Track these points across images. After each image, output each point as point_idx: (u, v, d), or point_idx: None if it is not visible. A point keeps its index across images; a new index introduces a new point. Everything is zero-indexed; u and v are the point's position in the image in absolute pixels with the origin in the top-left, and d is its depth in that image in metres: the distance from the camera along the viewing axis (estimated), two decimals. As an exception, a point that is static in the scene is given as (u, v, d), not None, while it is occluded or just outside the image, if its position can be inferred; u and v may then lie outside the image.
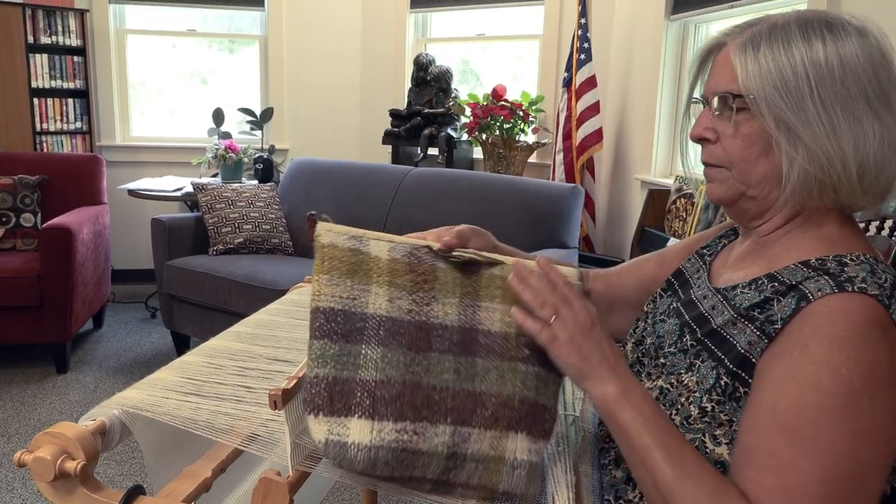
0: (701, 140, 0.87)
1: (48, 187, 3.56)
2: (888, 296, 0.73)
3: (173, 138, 4.70)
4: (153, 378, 0.92)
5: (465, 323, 0.81)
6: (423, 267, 0.82)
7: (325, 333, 0.75)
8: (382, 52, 4.58)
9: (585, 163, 3.50)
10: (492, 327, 0.82)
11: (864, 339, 0.70)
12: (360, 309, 0.77)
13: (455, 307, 0.81)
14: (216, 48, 4.81)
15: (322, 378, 0.73)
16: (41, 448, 0.75)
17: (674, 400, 0.84)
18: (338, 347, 0.75)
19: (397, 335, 0.77)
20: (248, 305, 2.78)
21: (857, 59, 0.77)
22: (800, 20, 0.80)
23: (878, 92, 0.77)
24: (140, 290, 4.45)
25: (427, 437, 0.74)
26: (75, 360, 3.37)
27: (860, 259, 0.78)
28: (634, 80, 3.48)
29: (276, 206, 3.51)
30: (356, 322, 0.76)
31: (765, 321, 0.77)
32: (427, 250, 0.83)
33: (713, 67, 0.87)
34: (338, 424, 0.72)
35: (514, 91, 3.97)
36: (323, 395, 0.73)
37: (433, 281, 0.81)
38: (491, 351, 0.80)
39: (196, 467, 0.85)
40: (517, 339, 0.81)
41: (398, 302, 0.78)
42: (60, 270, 3.08)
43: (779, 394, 0.72)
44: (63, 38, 4.15)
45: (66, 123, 4.24)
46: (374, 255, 0.80)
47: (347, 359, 0.75)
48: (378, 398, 0.73)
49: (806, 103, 0.76)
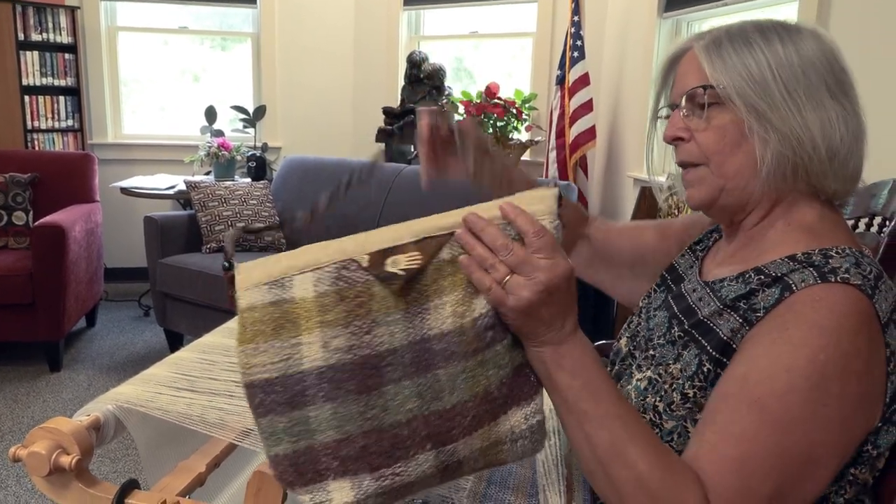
0: (675, 140, 0.89)
1: (40, 185, 3.55)
2: (872, 286, 0.75)
3: (165, 136, 4.69)
4: (147, 374, 0.92)
5: (413, 337, 0.71)
6: (355, 290, 0.71)
7: (268, 409, 0.69)
8: (375, 50, 4.57)
9: (578, 160, 3.51)
10: (443, 327, 0.71)
11: (845, 330, 0.72)
12: (296, 368, 0.69)
13: (401, 324, 0.71)
14: (208, 45, 4.80)
15: (282, 456, 0.69)
16: (36, 443, 0.75)
17: (661, 389, 0.85)
18: (286, 419, 0.69)
19: (342, 383, 0.69)
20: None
21: (814, 54, 0.81)
22: (756, 26, 0.84)
23: (835, 81, 0.81)
24: (133, 288, 4.44)
25: (410, 471, 0.70)
26: (68, 358, 3.36)
27: (845, 252, 0.79)
28: (627, 77, 3.49)
29: (269, 204, 3.51)
30: (295, 385, 0.69)
31: (748, 310, 0.79)
32: (356, 266, 0.71)
33: (678, 75, 0.90)
34: (318, 491, 0.69)
35: (507, 89, 3.98)
36: (290, 471, 0.69)
37: (369, 302, 0.70)
38: (451, 355, 0.70)
39: (190, 462, 0.85)
40: (473, 326, 0.70)
41: (334, 343, 0.69)
42: (53, 268, 3.07)
43: (751, 367, 0.73)
44: (54, 36, 4.13)
45: (58, 121, 4.22)
46: (300, 297, 0.70)
47: (299, 427, 0.69)
48: (345, 457, 0.68)
49: (771, 89, 0.80)
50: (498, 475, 0.82)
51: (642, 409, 0.85)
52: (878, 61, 1.82)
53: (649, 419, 0.83)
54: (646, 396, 0.86)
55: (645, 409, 0.85)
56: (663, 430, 0.82)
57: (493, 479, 0.82)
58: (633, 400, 0.88)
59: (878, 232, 1.63)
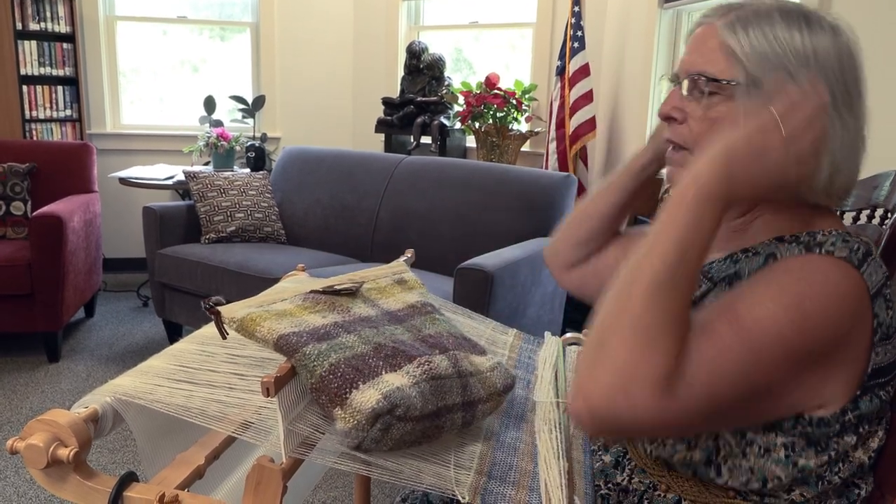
0: (668, 119, 0.88)
1: (38, 175, 3.54)
2: (859, 259, 0.75)
3: (164, 126, 4.67)
4: (145, 365, 0.92)
5: (381, 311, 0.97)
6: (323, 299, 0.95)
7: (306, 342, 0.81)
8: (375, 40, 4.55)
9: (579, 151, 3.50)
10: (398, 306, 1.00)
11: (834, 288, 0.73)
12: (309, 326, 0.85)
13: (367, 308, 0.97)
14: (207, 35, 4.77)
15: (336, 363, 0.79)
16: (34, 435, 0.75)
17: None
18: (324, 345, 0.81)
19: (352, 325, 0.90)
20: (240, 294, 2.77)
21: (829, 56, 0.78)
22: (781, 9, 0.81)
23: (842, 92, 0.78)
24: (132, 278, 4.44)
25: (436, 364, 0.85)
26: (67, 349, 3.36)
27: (832, 233, 0.79)
28: (628, 68, 3.47)
29: (268, 195, 3.50)
30: (318, 331, 0.85)
31: (734, 277, 0.81)
32: (314, 293, 0.96)
33: (691, 44, 0.87)
34: (379, 382, 0.78)
35: (507, 79, 3.96)
36: (348, 373, 0.78)
37: (336, 304, 0.95)
38: (411, 315, 0.98)
39: (189, 454, 0.85)
40: (414, 304, 1.01)
41: (330, 316, 0.91)
42: (51, 259, 3.06)
43: (745, 287, 0.75)
44: (52, 25, 4.11)
45: (56, 111, 4.21)
46: (282, 308, 0.89)
47: (339, 346, 0.82)
48: (385, 356, 0.83)
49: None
50: (498, 470, 0.82)
51: None
52: (878, 51, 1.81)
53: None
54: None
55: None
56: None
57: (494, 475, 0.82)
58: None
59: (880, 224, 1.63)
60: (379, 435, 0.76)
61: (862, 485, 0.81)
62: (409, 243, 2.86)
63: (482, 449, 0.87)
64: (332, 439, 0.80)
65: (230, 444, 0.90)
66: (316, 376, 0.78)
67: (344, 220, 3.38)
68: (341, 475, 2.31)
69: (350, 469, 0.78)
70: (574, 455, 0.94)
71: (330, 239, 3.40)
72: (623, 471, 0.87)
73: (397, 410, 0.77)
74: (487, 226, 2.96)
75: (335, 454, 0.79)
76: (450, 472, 0.80)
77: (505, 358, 1.15)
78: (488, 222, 2.97)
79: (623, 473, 0.87)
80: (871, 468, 0.82)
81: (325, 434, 0.80)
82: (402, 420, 0.78)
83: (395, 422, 0.77)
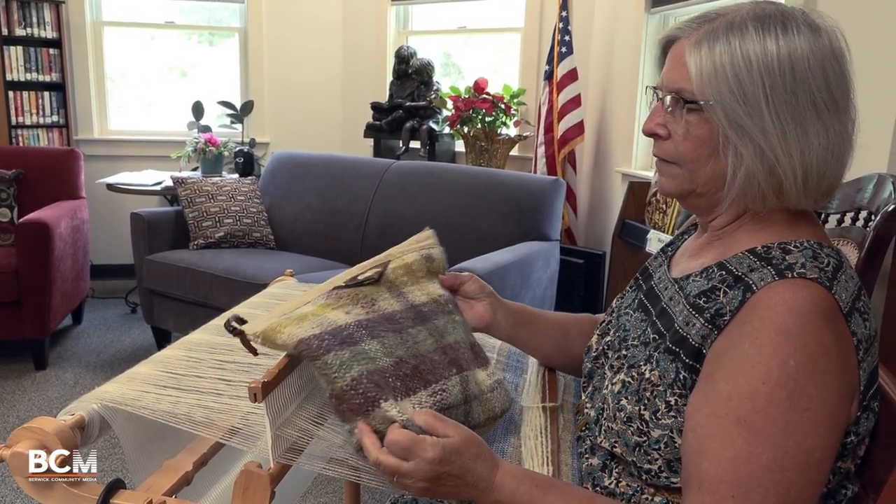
0: (653, 135, 0.88)
1: (25, 182, 3.51)
2: (829, 278, 0.75)
3: (152, 132, 4.65)
4: (132, 372, 0.92)
5: (406, 304, 0.95)
6: (346, 293, 0.92)
7: (328, 348, 0.79)
8: (363, 45, 4.55)
9: (567, 155, 3.52)
10: (423, 299, 0.98)
11: (810, 330, 0.72)
12: (333, 326, 0.83)
13: (392, 300, 0.95)
14: (195, 40, 4.76)
15: (358, 377, 0.79)
16: (19, 443, 0.75)
17: (637, 393, 0.85)
18: (348, 352, 0.80)
19: (377, 327, 0.87)
20: (229, 300, 2.76)
21: (808, 64, 0.77)
22: (757, 17, 0.80)
23: (826, 98, 0.78)
24: (120, 285, 4.41)
25: (449, 391, 0.86)
26: (54, 356, 3.33)
27: (804, 245, 0.79)
28: (615, 73, 3.49)
29: (257, 200, 3.49)
30: (341, 332, 0.83)
31: (715, 314, 0.79)
32: (337, 288, 0.93)
33: (669, 60, 0.87)
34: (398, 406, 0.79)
35: (495, 84, 3.97)
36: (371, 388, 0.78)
37: (360, 295, 0.93)
38: (437, 313, 0.97)
39: (177, 461, 0.85)
40: (440, 298, 0.99)
41: (354, 311, 0.89)
42: (38, 266, 3.04)
43: (733, 385, 0.73)
44: (38, 31, 4.08)
45: (43, 117, 4.18)
46: (303, 312, 0.87)
47: (362, 356, 0.81)
48: (403, 376, 0.83)
49: (760, 108, 0.77)
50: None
51: (618, 412, 0.86)
52: (863, 53, 1.82)
53: (636, 427, 0.83)
54: (620, 399, 0.87)
55: (622, 411, 0.86)
56: (650, 438, 0.82)
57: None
58: (610, 404, 0.88)
59: (864, 226, 1.64)
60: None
61: (849, 486, 0.82)
62: (399, 248, 2.86)
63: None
64: (321, 445, 0.80)
65: (218, 451, 0.89)
66: (337, 388, 0.78)
67: (333, 225, 3.38)
68: (331, 480, 2.30)
69: (338, 475, 0.78)
70: (562, 458, 0.94)
71: (319, 244, 3.40)
72: (611, 474, 0.88)
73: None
74: (476, 230, 2.96)
75: (324, 459, 0.79)
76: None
77: (494, 361, 1.16)
78: (477, 226, 2.97)
79: (611, 477, 0.88)
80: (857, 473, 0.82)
81: (313, 439, 0.80)
82: None
83: None
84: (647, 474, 0.83)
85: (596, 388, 0.97)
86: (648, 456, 0.82)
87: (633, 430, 0.83)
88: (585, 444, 0.94)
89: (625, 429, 0.85)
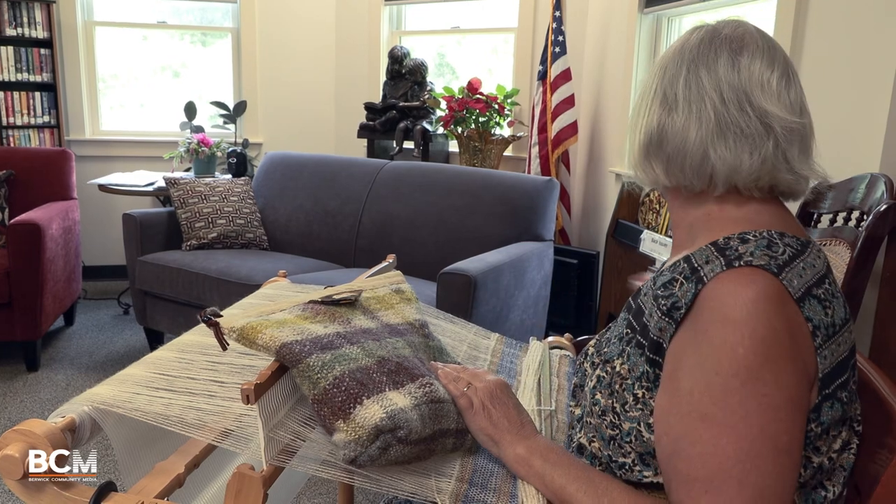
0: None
1: (16, 183, 3.49)
2: (779, 265, 0.75)
3: (144, 132, 4.63)
4: (124, 374, 0.91)
5: (381, 324, 0.99)
6: (321, 309, 0.96)
7: (310, 351, 0.81)
8: (357, 45, 4.55)
9: (561, 156, 3.52)
10: (397, 320, 1.02)
11: (757, 316, 0.72)
12: (313, 335, 0.85)
13: (367, 320, 0.98)
14: (188, 41, 4.74)
15: (340, 376, 0.80)
16: (9, 445, 0.74)
17: (609, 386, 0.87)
18: (329, 355, 0.82)
19: (354, 335, 0.90)
20: (222, 301, 2.75)
21: (719, 87, 0.83)
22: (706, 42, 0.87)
23: (736, 109, 0.83)
24: (112, 286, 4.39)
25: (436, 385, 0.87)
26: (46, 357, 3.31)
27: (762, 235, 0.80)
28: (609, 73, 3.50)
29: (250, 201, 3.48)
30: (321, 340, 0.85)
31: (671, 307, 0.79)
32: (311, 304, 0.97)
33: None
34: (383, 399, 0.79)
35: (489, 84, 3.98)
36: (353, 387, 0.79)
37: (336, 314, 0.96)
38: (410, 332, 1.00)
39: (168, 463, 0.84)
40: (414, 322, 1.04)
41: (331, 326, 0.91)
42: (29, 267, 3.02)
43: (692, 381, 0.74)
44: (29, 30, 4.06)
45: (34, 117, 4.16)
46: (282, 318, 0.89)
47: (343, 357, 0.83)
48: (388, 371, 0.84)
49: (678, 99, 0.86)
50: (479, 478, 0.83)
51: (594, 406, 0.87)
52: (854, 60, 1.83)
53: (609, 420, 0.85)
54: (594, 394, 0.88)
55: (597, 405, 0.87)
56: (622, 430, 0.83)
57: (475, 482, 0.82)
58: (588, 399, 0.90)
59: (857, 226, 1.65)
60: (377, 453, 0.76)
61: (829, 486, 0.80)
62: (392, 248, 2.86)
63: (463, 456, 0.87)
64: (314, 447, 0.79)
65: (210, 453, 0.89)
66: (319, 388, 0.78)
67: (327, 225, 3.37)
68: (325, 482, 2.30)
69: (332, 477, 0.78)
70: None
71: (313, 245, 3.39)
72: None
73: (399, 432, 0.77)
74: (470, 230, 2.96)
75: (317, 462, 0.79)
76: (430, 480, 0.80)
77: (487, 363, 1.16)
78: (471, 227, 2.97)
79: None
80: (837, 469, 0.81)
81: (306, 441, 0.80)
82: (401, 442, 0.78)
83: (394, 443, 0.77)
84: (621, 469, 0.83)
85: (580, 386, 0.99)
86: (622, 449, 0.83)
87: (607, 423, 0.85)
88: (573, 444, 0.94)
89: (600, 422, 0.86)
